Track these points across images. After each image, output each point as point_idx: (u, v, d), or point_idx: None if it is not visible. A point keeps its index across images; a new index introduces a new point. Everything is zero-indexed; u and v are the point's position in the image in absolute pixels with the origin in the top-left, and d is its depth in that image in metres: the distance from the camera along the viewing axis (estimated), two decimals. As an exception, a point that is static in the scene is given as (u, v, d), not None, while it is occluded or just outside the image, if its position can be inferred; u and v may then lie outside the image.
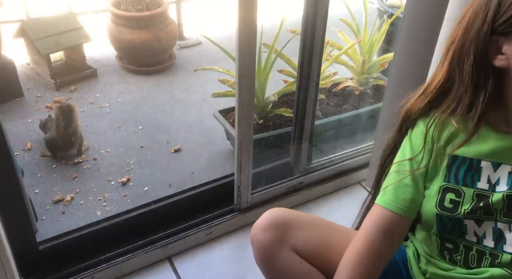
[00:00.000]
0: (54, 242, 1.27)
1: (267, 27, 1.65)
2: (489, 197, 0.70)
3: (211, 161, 1.92)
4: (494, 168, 0.70)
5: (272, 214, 0.84)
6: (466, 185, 0.72)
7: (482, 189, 0.71)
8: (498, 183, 0.69)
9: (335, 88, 2.04)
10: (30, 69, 2.43)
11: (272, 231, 0.81)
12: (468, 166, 0.72)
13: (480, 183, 0.71)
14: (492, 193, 0.70)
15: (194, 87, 2.44)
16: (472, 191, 0.72)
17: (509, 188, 0.68)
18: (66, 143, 1.86)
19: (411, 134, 0.79)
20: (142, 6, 2.54)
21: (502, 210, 0.69)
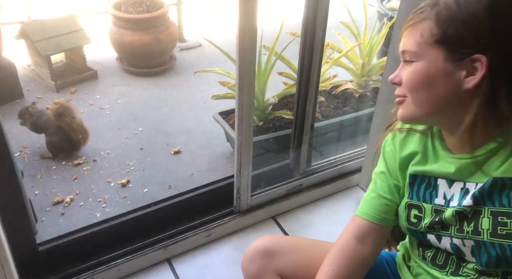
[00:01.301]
0: (54, 244, 1.27)
1: (268, 30, 1.66)
2: (444, 212, 0.74)
3: (211, 162, 1.92)
4: (449, 184, 0.74)
5: (257, 244, 0.89)
6: (426, 201, 0.76)
7: (439, 204, 0.75)
8: (452, 198, 0.73)
9: (335, 90, 2.05)
10: (30, 71, 2.43)
11: (258, 261, 0.87)
12: (427, 183, 0.76)
13: (437, 199, 0.75)
14: (447, 208, 0.74)
15: (194, 89, 2.45)
16: (431, 206, 0.76)
17: (458, 203, 0.72)
18: (78, 138, 1.88)
19: (385, 146, 0.84)
20: (142, 8, 2.54)
21: (455, 225, 0.72)
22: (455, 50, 0.64)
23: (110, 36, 2.52)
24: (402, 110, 0.72)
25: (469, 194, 0.70)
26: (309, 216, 1.57)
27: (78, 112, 2.00)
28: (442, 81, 0.66)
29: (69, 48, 2.37)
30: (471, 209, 0.70)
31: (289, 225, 1.53)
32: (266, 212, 1.54)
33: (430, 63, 0.66)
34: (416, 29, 0.67)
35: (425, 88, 0.67)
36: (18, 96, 2.25)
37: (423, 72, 0.67)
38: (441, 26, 0.64)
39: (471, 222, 0.70)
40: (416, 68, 0.67)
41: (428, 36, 0.65)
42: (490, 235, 0.68)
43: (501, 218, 0.67)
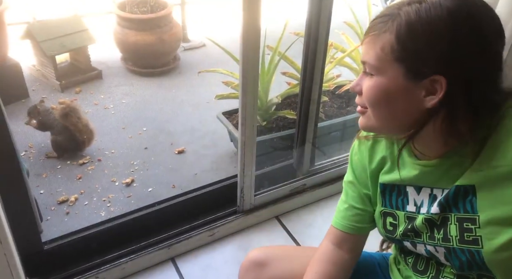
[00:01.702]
0: (59, 242, 1.28)
1: (271, 30, 1.66)
2: (416, 219, 0.74)
3: (215, 162, 1.93)
4: (417, 191, 0.74)
5: (250, 256, 0.92)
6: (399, 209, 0.77)
7: (411, 211, 0.76)
8: (422, 205, 0.74)
9: (339, 90, 2.05)
10: (36, 71, 2.45)
11: (251, 272, 0.91)
12: (397, 191, 0.77)
13: (409, 206, 0.76)
14: (418, 214, 0.74)
15: (198, 89, 2.46)
16: (403, 213, 0.77)
17: (427, 210, 0.73)
18: (83, 139, 1.90)
19: (352, 154, 0.85)
20: (146, 9, 2.55)
21: (426, 232, 0.73)
22: (415, 69, 0.63)
23: (114, 36, 2.53)
24: (363, 120, 0.72)
25: (437, 200, 0.71)
26: (312, 215, 1.57)
27: (84, 113, 2.01)
28: (401, 98, 0.65)
29: (74, 48, 2.38)
30: (439, 216, 0.70)
31: (292, 224, 1.54)
32: (269, 212, 1.54)
33: (390, 80, 0.65)
34: (377, 41, 0.65)
35: (384, 104, 0.67)
36: (23, 96, 2.27)
37: (382, 88, 0.66)
38: (401, 43, 0.62)
39: (441, 229, 0.71)
40: (376, 83, 0.66)
41: (389, 51, 0.64)
42: (459, 241, 0.68)
43: (466, 224, 0.67)
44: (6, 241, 1.02)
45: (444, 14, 0.61)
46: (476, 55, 0.61)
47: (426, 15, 0.61)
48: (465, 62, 0.61)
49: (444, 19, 0.61)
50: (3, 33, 2.19)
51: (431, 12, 0.61)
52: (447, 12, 0.61)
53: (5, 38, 2.20)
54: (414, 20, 0.62)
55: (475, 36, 0.61)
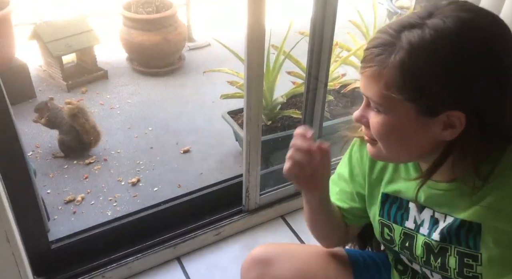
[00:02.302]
0: (66, 241, 1.29)
1: (276, 29, 1.66)
2: (414, 237, 0.72)
3: (220, 162, 1.93)
4: (419, 210, 0.71)
5: (253, 254, 0.90)
6: (396, 222, 0.75)
7: (409, 228, 0.73)
8: (422, 224, 0.71)
9: (344, 89, 2.04)
10: (42, 71, 2.47)
11: (253, 270, 0.88)
12: (399, 205, 0.74)
13: (408, 222, 0.73)
14: (417, 233, 0.72)
15: (203, 89, 2.46)
16: (401, 228, 0.74)
17: (428, 233, 0.70)
18: (89, 140, 1.92)
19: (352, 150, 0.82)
20: (152, 9, 2.56)
21: (422, 257, 0.71)
22: (428, 106, 0.57)
23: (120, 36, 2.54)
24: (373, 151, 0.67)
25: (438, 226, 0.68)
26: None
27: (91, 113, 2.02)
28: (416, 134, 0.60)
29: (80, 48, 2.39)
30: (438, 244, 0.68)
31: (297, 224, 1.54)
32: (274, 211, 1.54)
33: (401, 118, 0.59)
34: (379, 77, 0.58)
35: (397, 140, 0.62)
36: (30, 97, 2.29)
37: (394, 126, 0.60)
38: (408, 81, 0.56)
39: (438, 258, 0.69)
40: (385, 121, 0.60)
41: (395, 90, 0.57)
42: (457, 274, 0.67)
43: (467, 260, 0.65)
44: (14, 240, 1.03)
45: (452, 42, 0.54)
46: (494, 85, 0.56)
47: (433, 45, 0.54)
48: (483, 94, 0.56)
49: (453, 48, 0.54)
50: (10, 34, 2.21)
51: (437, 41, 0.54)
52: (456, 40, 0.54)
53: (12, 39, 2.22)
54: (419, 53, 0.55)
55: (489, 64, 0.55)
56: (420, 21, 0.57)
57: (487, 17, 0.58)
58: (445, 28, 0.55)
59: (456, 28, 0.55)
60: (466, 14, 0.56)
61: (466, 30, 0.55)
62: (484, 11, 0.58)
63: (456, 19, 0.55)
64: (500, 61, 0.56)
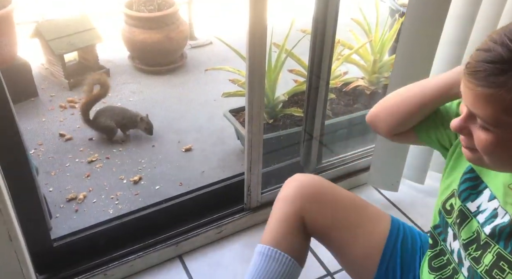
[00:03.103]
0: (68, 240, 1.29)
1: (278, 27, 1.65)
2: (468, 220, 0.72)
3: (222, 160, 1.93)
4: (490, 198, 0.70)
5: (304, 180, 0.95)
6: (460, 197, 0.74)
7: (468, 209, 0.72)
8: (483, 212, 0.70)
9: (346, 87, 2.03)
10: (44, 70, 2.47)
11: (297, 201, 0.93)
12: (474, 184, 0.73)
13: (471, 204, 0.72)
14: (473, 217, 0.71)
15: (205, 87, 2.46)
16: (460, 204, 0.73)
17: (482, 223, 0.69)
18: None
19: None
20: (153, 7, 2.56)
21: (465, 240, 0.72)
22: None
23: (121, 34, 2.54)
24: (472, 158, 0.64)
25: (494, 221, 0.67)
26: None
27: (91, 111, 2.03)
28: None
29: (82, 47, 2.40)
30: (485, 237, 0.68)
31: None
32: (276, 209, 1.54)
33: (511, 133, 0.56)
34: (495, 99, 0.54)
35: (504, 153, 0.59)
36: (32, 95, 2.29)
37: (504, 144, 0.57)
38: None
39: (479, 249, 0.69)
40: (495, 139, 0.58)
41: (510, 112, 0.54)
42: (486, 272, 0.67)
43: (502, 263, 0.65)
44: (16, 239, 1.04)
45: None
46: None
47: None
48: None
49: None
50: (12, 33, 2.21)
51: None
52: None
53: (14, 38, 2.22)
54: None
55: None
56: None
57: None
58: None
59: None
60: None
61: None
62: None
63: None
64: None
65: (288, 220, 0.91)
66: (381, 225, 0.93)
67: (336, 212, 0.93)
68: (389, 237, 0.92)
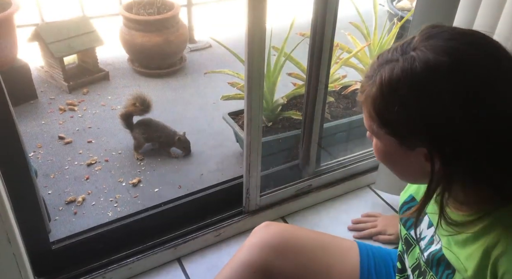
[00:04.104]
0: (67, 242, 1.29)
1: (277, 30, 1.66)
2: (412, 247, 0.74)
3: (221, 163, 1.93)
4: (429, 225, 0.72)
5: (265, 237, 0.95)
6: (405, 226, 0.77)
7: (412, 236, 0.75)
8: (423, 239, 0.72)
9: (345, 91, 2.04)
10: (44, 72, 2.48)
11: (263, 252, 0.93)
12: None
13: (413, 231, 0.75)
14: (417, 244, 0.73)
15: (204, 90, 2.46)
16: (405, 232, 0.76)
17: (422, 249, 0.71)
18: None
19: None
20: (153, 10, 2.57)
21: (410, 267, 0.74)
22: (403, 139, 0.58)
23: (121, 37, 2.55)
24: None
25: (430, 247, 0.69)
26: (318, 216, 1.57)
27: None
28: (405, 161, 0.61)
29: (82, 49, 2.40)
30: (423, 264, 0.70)
31: (298, 225, 1.53)
32: (275, 212, 1.54)
33: (387, 146, 0.61)
34: (365, 106, 0.60)
35: (389, 165, 0.64)
36: (32, 98, 2.29)
37: (384, 152, 0.62)
38: (379, 115, 0.57)
39: (420, 277, 0.71)
40: (377, 146, 0.63)
41: (374, 121, 0.59)
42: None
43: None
44: (15, 241, 1.04)
45: (412, 81, 0.52)
46: (466, 124, 0.52)
47: (395, 83, 0.53)
48: (444, 134, 0.53)
49: (412, 88, 0.52)
50: (13, 35, 2.22)
51: (400, 79, 0.53)
52: (415, 79, 0.52)
53: (14, 40, 2.23)
54: (384, 90, 0.55)
55: (459, 98, 0.51)
56: (396, 56, 0.55)
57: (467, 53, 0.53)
58: (411, 70, 0.53)
59: (420, 66, 0.52)
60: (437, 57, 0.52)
61: (428, 75, 0.52)
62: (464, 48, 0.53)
63: (424, 62, 0.52)
64: (475, 90, 0.52)
65: (250, 267, 0.90)
66: (351, 257, 0.93)
67: (304, 259, 0.92)
68: (361, 267, 0.92)
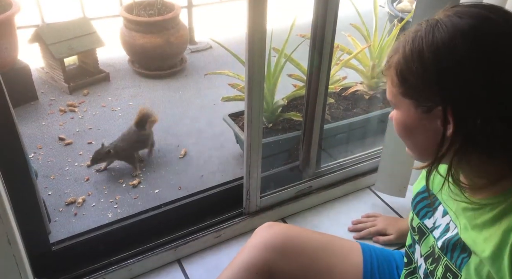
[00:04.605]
0: (67, 243, 1.29)
1: (277, 32, 1.66)
2: (426, 236, 0.75)
3: (221, 164, 1.93)
4: (443, 214, 0.73)
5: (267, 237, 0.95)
6: (418, 215, 0.78)
7: (425, 225, 0.76)
8: (438, 228, 0.73)
9: (345, 92, 2.04)
10: (44, 73, 2.48)
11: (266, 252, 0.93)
12: (430, 202, 0.76)
13: (428, 220, 0.76)
14: (430, 233, 0.75)
15: (205, 91, 2.47)
16: (418, 222, 0.78)
17: (437, 237, 0.72)
18: None
19: None
20: (154, 11, 2.57)
21: (424, 255, 0.75)
22: (421, 102, 0.61)
23: (121, 38, 2.55)
24: (406, 150, 0.71)
25: (446, 234, 0.70)
26: (318, 217, 1.57)
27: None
28: (421, 130, 0.63)
29: (82, 51, 2.40)
30: (438, 251, 0.71)
31: (298, 225, 1.53)
32: (275, 214, 1.54)
33: (405, 114, 0.64)
34: (388, 75, 0.65)
35: (408, 136, 0.66)
36: (32, 99, 2.30)
37: (401, 123, 0.65)
38: (400, 79, 0.62)
39: (434, 263, 0.72)
40: (396, 117, 0.66)
41: (396, 86, 0.63)
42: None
43: (448, 275, 0.67)
44: (15, 242, 1.04)
45: (436, 39, 0.57)
46: (482, 87, 0.55)
47: (417, 48, 0.59)
48: (461, 92, 0.56)
49: (431, 45, 0.57)
50: (13, 37, 2.22)
51: (421, 45, 0.58)
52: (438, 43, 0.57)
53: (15, 41, 2.23)
54: (407, 55, 0.60)
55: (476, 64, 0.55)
56: (420, 26, 0.61)
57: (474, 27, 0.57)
58: (433, 31, 0.59)
59: (443, 32, 0.58)
60: (459, 20, 0.58)
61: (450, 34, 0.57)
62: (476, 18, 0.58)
63: (446, 24, 0.58)
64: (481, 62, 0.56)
65: (252, 268, 0.90)
66: (354, 258, 0.94)
67: (306, 259, 0.92)
68: (364, 267, 0.92)
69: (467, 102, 0.57)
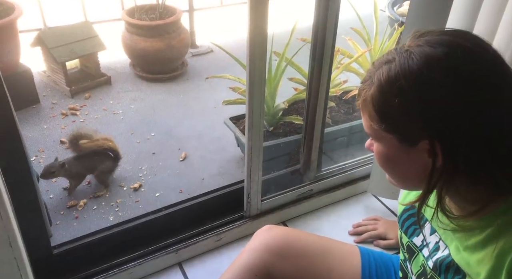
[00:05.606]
0: (68, 247, 1.29)
1: (278, 35, 1.67)
2: (415, 254, 0.75)
3: (222, 167, 1.94)
4: (431, 232, 0.73)
5: (268, 239, 0.95)
6: (406, 234, 0.77)
7: (414, 244, 0.75)
8: (427, 246, 0.73)
9: (346, 96, 2.05)
10: (46, 77, 2.49)
11: (265, 254, 0.93)
12: (416, 220, 0.76)
13: (416, 238, 0.75)
14: (419, 251, 0.74)
15: (206, 95, 2.47)
16: (407, 240, 0.77)
17: (427, 257, 0.71)
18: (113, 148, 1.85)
19: None
20: (155, 15, 2.58)
21: (415, 274, 0.74)
22: (405, 136, 0.59)
23: (123, 42, 2.56)
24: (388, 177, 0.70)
25: (436, 254, 0.69)
26: (319, 221, 1.57)
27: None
28: (407, 161, 0.62)
29: (84, 54, 2.42)
30: (430, 271, 0.70)
31: (299, 229, 1.53)
32: (276, 217, 1.54)
33: (387, 147, 0.62)
34: (364, 109, 0.62)
35: (391, 168, 0.65)
36: (34, 102, 2.30)
37: (384, 156, 0.63)
38: (380, 115, 0.59)
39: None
40: (377, 150, 0.64)
41: (374, 121, 0.61)
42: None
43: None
44: (16, 245, 1.04)
45: (412, 76, 0.55)
46: (465, 115, 0.54)
47: (394, 80, 0.56)
48: (445, 124, 0.55)
49: (414, 83, 0.55)
50: (16, 40, 2.23)
51: (398, 77, 0.56)
52: (417, 74, 0.55)
53: (17, 45, 2.24)
54: (384, 88, 0.58)
55: (458, 85, 0.54)
56: (392, 57, 0.59)
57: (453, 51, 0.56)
58: (408, 64, 0.56)
59: (419, 63, 0.56)
60: (432, 49, 0.56)
61: (426, 65, 0.55)
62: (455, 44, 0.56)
63: (421, 54, 0.56)
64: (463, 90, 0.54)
65: (251, 271, 0.91)
66: (352, 261, 0.93)
67: (305, 262, 0.92)
68: (362, 272, 0.92)
69: (454, 134, 0.55)
